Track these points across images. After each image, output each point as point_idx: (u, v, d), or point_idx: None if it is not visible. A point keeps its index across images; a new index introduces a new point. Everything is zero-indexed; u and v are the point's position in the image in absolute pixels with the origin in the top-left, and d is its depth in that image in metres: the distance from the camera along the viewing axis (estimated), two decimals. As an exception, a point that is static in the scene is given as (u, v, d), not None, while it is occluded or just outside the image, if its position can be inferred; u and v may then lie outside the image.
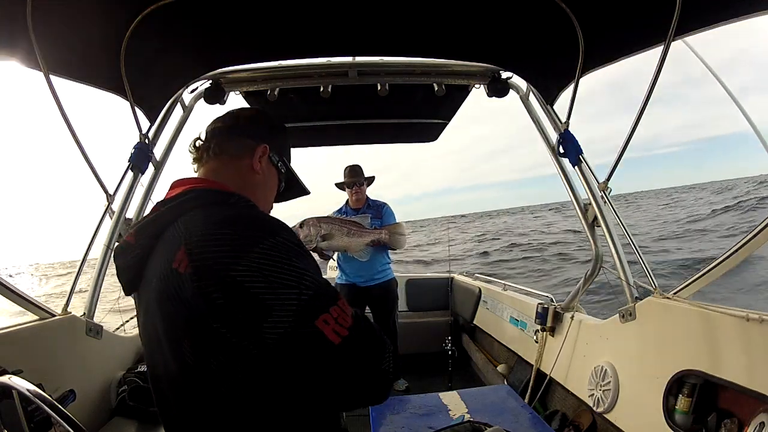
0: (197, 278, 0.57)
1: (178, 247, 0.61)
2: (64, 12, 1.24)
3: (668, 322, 1.45)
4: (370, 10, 1.46)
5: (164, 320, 0.63)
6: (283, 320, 0.56)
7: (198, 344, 0.59)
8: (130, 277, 0.72)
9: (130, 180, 1.83)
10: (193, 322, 0.59)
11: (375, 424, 1.40)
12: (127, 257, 0.71)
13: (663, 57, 1.28)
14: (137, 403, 1.77)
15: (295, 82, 1.92)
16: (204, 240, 0.60)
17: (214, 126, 0.84)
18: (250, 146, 0.82)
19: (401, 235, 2.54)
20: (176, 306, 0.60)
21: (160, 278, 0.63)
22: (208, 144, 0.81)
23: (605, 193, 1.71)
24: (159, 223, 0.68)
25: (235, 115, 0.87)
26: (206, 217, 0.65)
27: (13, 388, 0.78)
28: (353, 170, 2.86)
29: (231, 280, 0.56)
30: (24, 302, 1.50)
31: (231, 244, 0.58)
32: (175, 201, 0.70)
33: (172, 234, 0.65)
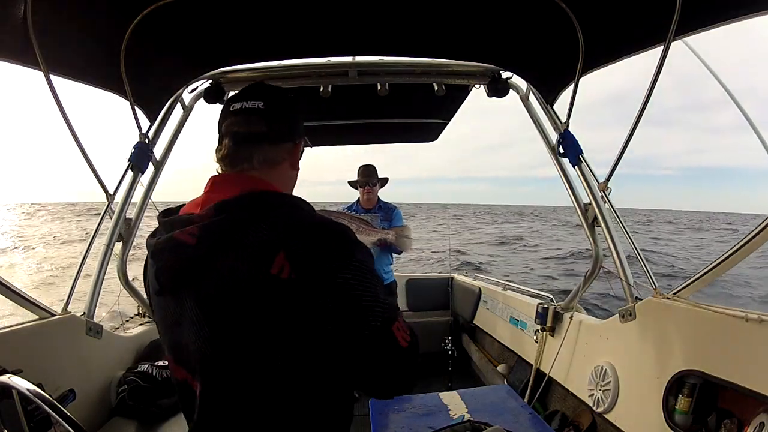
0: (305, 284, 0.61)
1: (274, 253, 0.61)
2: (64, 12, 1.24)
3: (668, 322, 1.45)
4: (370, 10, 1.46)
5: (250, 323, 0.63)
6: (375, 322, 0.66)
7: (296, 345, 0.64)
8: (176, 277, 0.68)
9: (130, 180, 1.84)
10: (295, 324, 0.63)
11: (375, 423, 1.40)
12: (179, 256, 0.66)
13: (663, 57, 1.28)
14: (137, 403, 1.77)
15: (295, 82, 1.92)
16: (306, 247, 0.63)
17: (243, 131, 0.76)
18: (289, 149, 0.80)
19: (407, 238, 2.55)
20: (273, 310, 0.62)
21: (248, 283, 0.62)
22: (244, 155, 0.75)
23: (605, 193, 1.71)
24: (230, 225, 0.64)
25: (269, 116, 0.77)
26: (297, 222, 0.66)
27: (13, 387, 0.78)
28: (367, 170, 2.85)
29: (338, 286, 0.63)
30: (24, 302, 1.50)
31: (335, 252, 0.64)
32: (246, 203, 0.67)
33: (256, 238, 0.63)
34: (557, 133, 1.89)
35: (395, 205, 2.93)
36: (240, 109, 0.77)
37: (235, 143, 0.75)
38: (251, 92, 0.79)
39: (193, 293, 0.66)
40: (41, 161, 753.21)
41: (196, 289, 0.66)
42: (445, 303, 3.56)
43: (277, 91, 0.83)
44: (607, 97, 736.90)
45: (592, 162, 1.80)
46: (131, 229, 1.90)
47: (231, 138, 0.76)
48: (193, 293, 0.66)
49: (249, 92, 0.79)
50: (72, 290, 1.72)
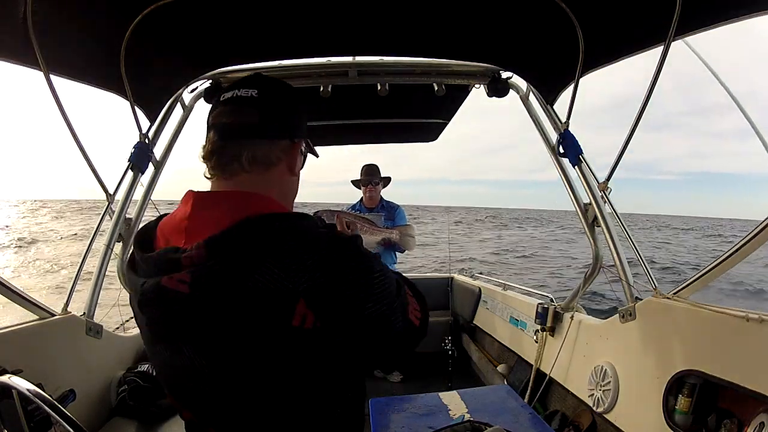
0: (332, 329, 0.56)
1: (293, 302, 0.53)
2: (64, 12, 1.24)
3: (668, 322, 1.45)
4: (370, 10, 1.46)
5: (270, 376, 0.58)
6: (398, 325, 0.64)
7: (323, 386, 0.63)
8: (174, 330, 0.59)
9: (130, 180, 1.84)
10: (323, 366, 0.60)
11: (375, 423, 1.40)
12: (172, 308, 0.56)
13: (663, 57, 1.28)
14: (137, 403, 1.77)
15: (295, 82, 1.91)
16: (326, 288, 0.55)
17: (232, 122, 0.65)
18: (286, 148, 0.70)
19: (411, 237, 2.55)
20: (299, 362, 0.57)
21: (267, 339, 0.55)
22: (233, 152, 0.65)
23: (605, 193, 1.70)
24: (231, 271, 0.54)
25: (263, 106, 0.66)
26: (309, 254, 0.56)
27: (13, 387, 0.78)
28: (369, 169, 2.87)
29: (366, 318, 0.59)
30: (24, 302, 1.50)
31: (356, 282, 0.58)
32: (242, 240, 0.56)
33: (266, 284, 0.53)
34: (557, 133, 1.89)
35: (397, 204, 2.94)
36: (231, 97, 0.66)
37: (222, 137, 0.65)
38: (246, 81, 0.69)
39: (194, 344, 0.58)
40: (42, 158, 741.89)
41: (199, 341, 0.58)
42: (445, 303, 3.56)
43: (276, 81, 0.72)
44: (609, 102, 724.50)
45: (594, 165, 1.80)
46: (131, 229, 1.90)
47: (217, 131, 0.66)
48: (194, 344, 0.58)
49: (243, 81, 0.69)
50: (72, 290, 1.72)
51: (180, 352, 0.59)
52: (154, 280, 0.57)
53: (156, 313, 0.60)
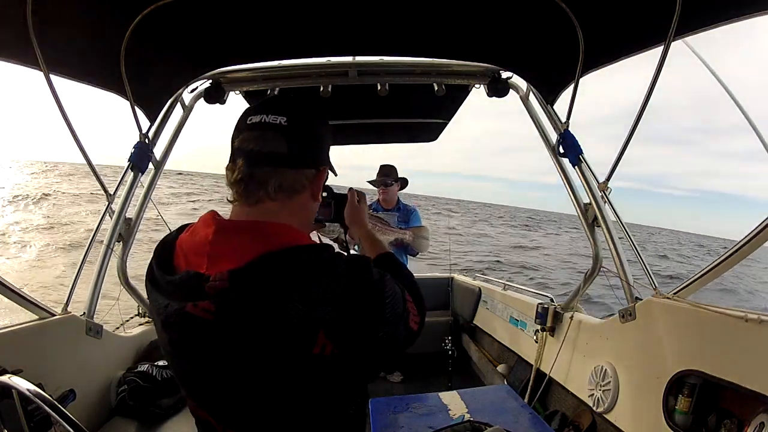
0: (349, 355, 0.61)
1: (314, 333, 0.57)
2: (64, 12, 1.24)
3: (668, 322, 1.45)
4: (370, 10, 1.46)
5: (290, 397, 0.62)
6: (401, 338, 0.68)
7: (337, 399, 0.67)
8: (197, 351, 0.62)
9: (131, 180, 1.84)
10: (337, 388, 0.65)
11: (375, 423, 1.40)
12: (197, 333, 0.59)
13: (663, 57, 1.28)
14: (137, 403, 1.77)
15: (295, 82, 1.91)
16: (343, 318, 0.59)
17: (260, 149, 0.66)
18: (312, 176, 0.70)
19: (425, 239, 2.52)
20: (317, 384, 0.62)
21: (288, 365, 0.59)
22: (260, 179, 0.66)
23: (605, 193, 1.71)
24: (253, 303, 0.57)
25: (292, 135, 0.67)
26: (329, 289, 0.59)
27: (13, 387, 0.78)
28: (384, 169, 2.84)
29: (379, 340, 0.64)
30: (24, 302, 1.50)
31: (370, 312, 0.62)
32: (264, 274, 0.58)
33: (290, 316, 0.56)
34: (557, 133, 1.89)
35: (414, 206, 2.91)
36: (259, 123, 0.66)
37: (250, 164, 0.65)
38: (274, 104, 0.69)
39: (218, 366, 0.61)
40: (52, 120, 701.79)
41: (223, 363, 0.61)
42: (445, 303, 3.56)
43: (304, 106, 0.72)
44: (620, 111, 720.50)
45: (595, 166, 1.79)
46: (131, 229, 1.90)
47: (245, 157, 0.66)
48: (218, 366, 0.61)
49: (271, 104, 0.69)
50: (72, 290, 1.72)
51: (202, 370, 0.63)
52: (178, 304, 0.60)
53: (180, 336, 0.62)
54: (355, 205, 0.98)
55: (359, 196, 0.99)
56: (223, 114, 7.71)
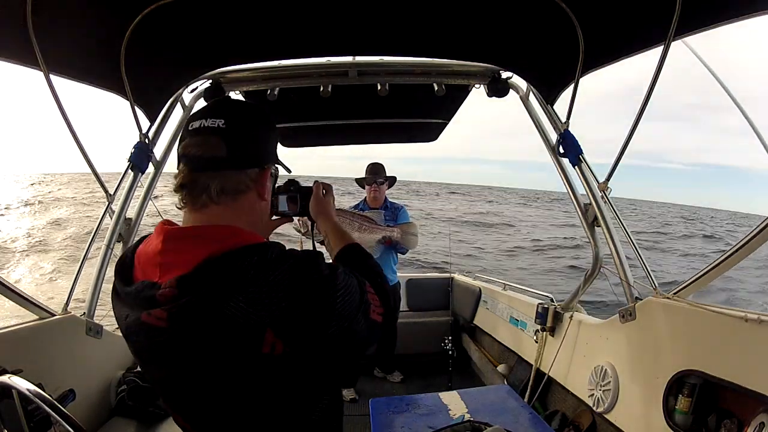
0: (300, 353, 0.61)
1: (261, 332, 0.57)
2: (64, 12, 1.24)
3: (668, 322, 1.45)
4: (370, 10, 1.46)
5: (248, 398, 0.63)
6: (362, 332, 0.67)
7: (299, 398, 0.67)
8: (159, 358, 0.64)
9: (130, 180, 1.84)
10: (296, 387, 0.65)
11: (375, 423, 1.40)
12: (156, 341, 0.61)
13: (663, 57, 1.28)
14: (137, 403, 1.77)
15: (295, 82, 1.91)
16: (291, 316, 0.59)
17: (200, 154, 0.66)
18: (255, 176, 0.71)
19: (413, 236, 2.51)
20: (272, 384, 0.63)
21: (240, 366, 0.60)
22: (202, 184, 0.67)
23: (605, 193, 1.71)
24: (202, 307, 0.58)
25: (230, 137, 0.67)
26: (274, 288, 0.59)
27: (13, 387, 0.78)
28: (374, 168, 2.82)
29: (330, 336, 0.63)
30: (24, 302, 1.50)
31: (318, 308, 0.61)
32: (209, 278, 0.60)
33: (236, 316, 0.57)
34: (557, 133, 1.89)
35: (402, 204, 2.91)
36: (198, 128, 0.67)
37: (192, 169, 0.67)
38: (212, 109, 0.71)
39: (179, 371, 0.63)
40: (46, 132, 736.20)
41: (181, 366, 0.63)
42: (445, 303, 3.56)
43: (243, 107, 0.75)
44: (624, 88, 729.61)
45: (605, 153, 1.78)
46: (131, 229, 1.90)
47: (187, 163, 0.67)
48: (179, 371, 0.63)
49: (210, 109, 0.71)
50: (72, 290, 1.72)
51: (167, 375, 0.66)
52: (135, 315, 0.63)
53: (140, 345, 0.65)
54: (320, 197, 0.97)
55: (325, 187, 0.99)
56: (223, 114, 7.64)
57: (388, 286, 0.76)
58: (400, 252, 2.72)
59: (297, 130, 2.53)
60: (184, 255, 0.62)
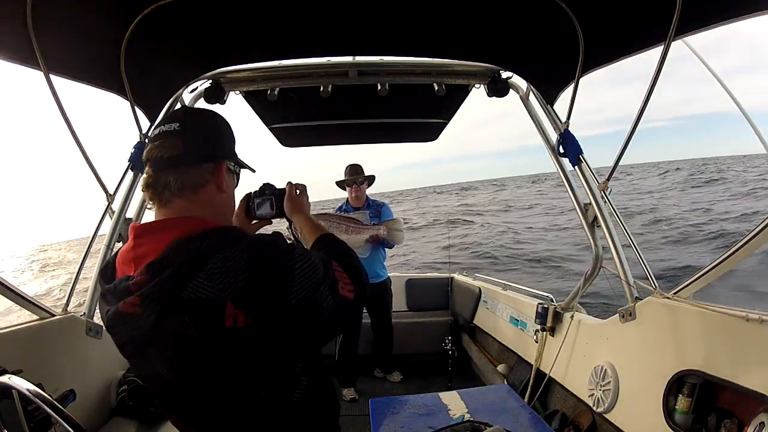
0: (263, 324, 0.64)
1: (221, 307, 0.61)
2: (64, 12, 1.24)
3: (668, 322, 1.45)
4: (370, 10, 1.46)
5: (223, 375, 0.67)
6: (330, 306, 0.71)
7: (272, 375, 0.70)
8: (139, 346, 0.67)
9: (130, 180, 1.83)
10: (267, 362, 0.68)
11: (375, 423, 1.40)
12: (132, 328, 0.66)
13: (663, 57, 1.28)
14: (137, 403, 1.77)
15: (295, 82, 1.91)
16: (250, 288, 0.63)
17: (161, 155, 0.73)
18: (211, 170, 0.77)
19: (399, 231, 2.57)
20: (243, 358, 0.66)
21: (207, 342, 0.63)
22: (164, 181, 0.73)
23: (605, 193, 1.71)
24: (167, 288, 0.63)
25: (185, 137, 0.74)
26: (231, 263, 0.63)
27: (13, 387, 0.78)
28: (353, 169, 2.90)
29: (293, 306, 0.66)
30: (24, 302, 1.50)
31: (276, 277, 0.65)
32: (173, 259, 0.64)
33: (197, 294, 0.62)
34: (557, 133, 1.89)
35: (383, 201, 2.96)
36: (158, 134, 0.75)
37: (156, 170, 0.74)
38: (170, 116, 0.79)
39: (158, 354, 0.67)
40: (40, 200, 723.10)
41: (159, 351, 0.67)
42: (445, 303, 3.56)
43: (196, 112, 0.84)
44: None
45: (580, 126, 1.77)
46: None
47: (151, 164, 0.74)
48: (158, 354, 0.67)
49: (168, 116, 0.79)
50: (72, 290, 1.72)
51: (149, 364, 0.69)
52: (114, 307, 0.68)
53: (121, 334, 0.69)
54: (293, 196, 1.01)
55: (298, 187, 1.03)
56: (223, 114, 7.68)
57: (358, 264, 0.81)
58: (388, 247, 2.82)
59: (297, 130, 2.53)
60: (153, 245, 0.68)
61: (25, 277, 18.97)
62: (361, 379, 2.98)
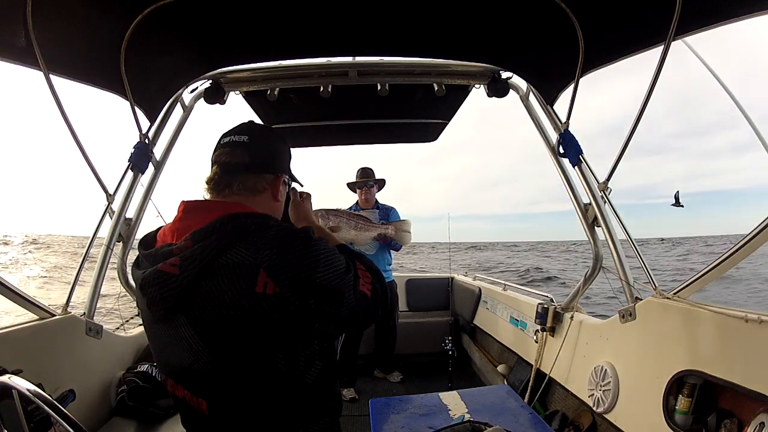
0: (290, 295, 0.70)
1: (255, 273, 0.69)
2: (64, 12, 1.24)
3: (668, 322, 1.45)
4: (370, 10, 1.46)
5: (247, 340, 0.71)
6: (350, 297, 0.77)
7: (291, 349, 0.74)
8: (170, 306, 0.73)
9: (130, 180, 1.83)
10: (288, 333, 0.73)
11: (375, 423, 1.40)
12: (167, 287, 0.72)
13: (663, 57, 1.28)
14: (137, 403, 1.77)
15: (295, 82, 1.92)
16: (282, 261, 0.70)
17: (228, 161, 0.84)
18: (270, 180, 0.88)
19: (407, 232, 2.58)
20: (267, 324, 0.70)
21: (238, 304, 0.69)
22: (227, 181, 0.84)
23: (605, 193, 1.71)
24: (208, 252, 0.70)
25: (252, 149, 0.86)
26: (269, 240, 0.72)
27: (13, 387, 0.77)
28: (364, 172, 2.93)
29: (318, 285, 0.72)
30: (24, 302, 1.50)
31: (306, 257, 0.72)
32: (218, 229, 0.72)
33: (235, 260, 0.70)
34: (557, 133, 1.89)
35: (392, 206, 2.97)
36: (228, 142, 0.87)
37: (222, 171, 0.85)
38: (240, 128, 0.89)
39: (186, 318, 0.72)
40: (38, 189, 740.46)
41: (188, 313, 0.72)
42: (445, 303, 3.56)
43: (263, 129, 0.94)
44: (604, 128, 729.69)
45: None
46: (131, 229, 1.90)
47: (219, 166, 0.85)
48: (186, 318, 0.72)
49: (238, 128, 0.89)
50: (72, 290, 1.72)
51: (174, 326, 0.74)
52: (153, 267, 0.74)
53: (154, 293, 0.74)
54: (297, 203, 1.05)
55: (302, 194, 1.07)
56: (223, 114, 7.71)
57: (377, 269, 0.88)
58: (395, 248, 2.84)
59: (297, 130, 2.53)
60: (200, 218, 0.76)
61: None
62: (361, 379, 2.98)
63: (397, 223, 2.61)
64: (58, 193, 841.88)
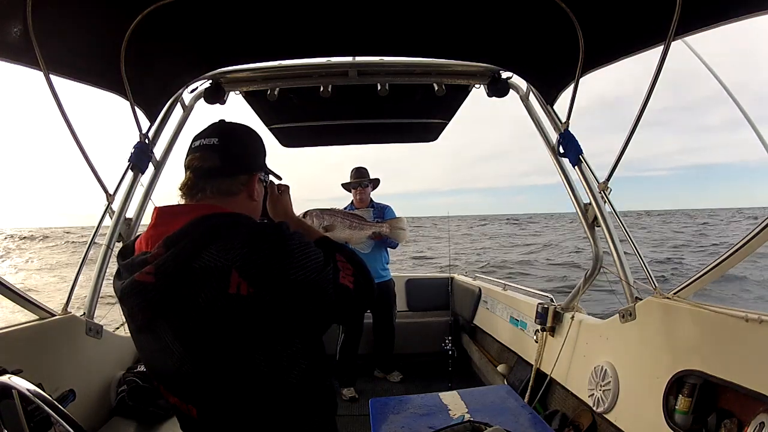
0: (265, 294, 0.69)
1: (227, 274, 0.67)
2: (64, 12, 1.24)
3: (668, 322, 1.45)
4: (370, 10, 1.46)
5: (226, 342, 0.71)
6: (329, 291, 0.75)
7: (272, 349, 0.73)
8: (151, 315, 0.72)
9: (130, 180, 1.83)
10: (266, 333, 0.72)
11: (375, 423, 1.40)
12: (144, 296, 0.71)
13: (663, 57, 1.28)
14: (137, 403, 1.77)
15: (295, 82, 1.92)
16: (252, 260, 0.69)
17: (200, 165, 0.82)
18: (245, 181, 0.86)
19: (402, 230, 2.57)
20: (243, 325, 0.70)
21: (213, 307, 0.68)
22: (201, 186, 0.81)
23: (605, 193, 1.70)
24: (181, 257, 0.69)
25: (223, 151, 0.83)
26: (238, 239, 0.70)
27: (13, 387, 0.77)
28: (358, 172, 2.93)
29: (292, 282, 0.71)
30: (24, 302, 1.50)
31: (277, 254, 0.71)
32: (189, 233, 0.71)
33: (207, 263, 0.68)
34: (557, 133, 1.89)
35: (387, 204, 2.97)
36: (198, 146, 0.84)
37: (195, 176, 0.82)
38: (209, 130, 0.86)
39: (166, 324, 0.72)
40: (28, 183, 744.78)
41: (168, 319, 0.72)
42: (445, 303, 3.56)
43: (235, 127, 0.89)
44: (599, 102, 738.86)
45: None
46: (131, 229, 1.90)
47: (192, 171, 0.83)
48: (166, 324, 0.72)
49: (208, 130, 0.86)
50: (72, 290, 1.72)
51: (157, 334, 0.73)
52: (130, 278, 0.73)
53: (133, 303, 0.74)
54: (275, 197, 1.02)
55: (281, 188, 1.04)
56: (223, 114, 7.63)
57: (360, 259, 0.85)
58: (391, 246, 2.83)
59: (297, 130, 2.53)
60: (171, 224, 0.74)
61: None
62: (361, 378, 2.97)
63: (392, 220, 2.62)
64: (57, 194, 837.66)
